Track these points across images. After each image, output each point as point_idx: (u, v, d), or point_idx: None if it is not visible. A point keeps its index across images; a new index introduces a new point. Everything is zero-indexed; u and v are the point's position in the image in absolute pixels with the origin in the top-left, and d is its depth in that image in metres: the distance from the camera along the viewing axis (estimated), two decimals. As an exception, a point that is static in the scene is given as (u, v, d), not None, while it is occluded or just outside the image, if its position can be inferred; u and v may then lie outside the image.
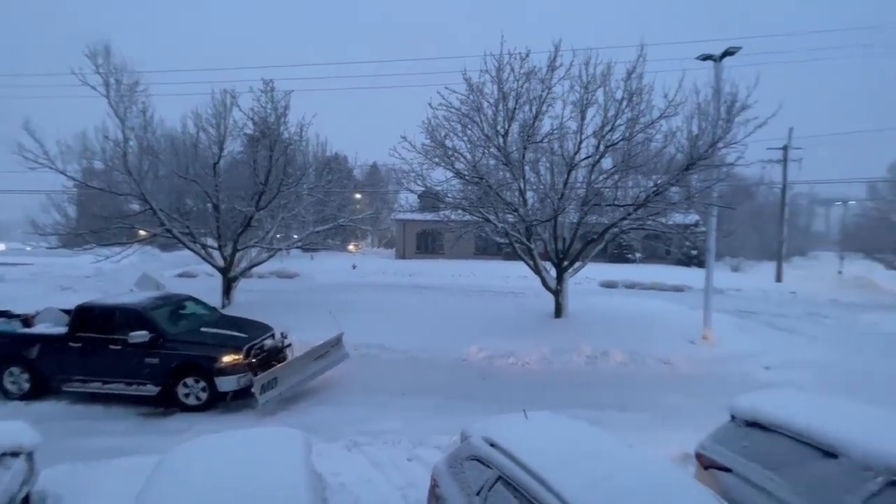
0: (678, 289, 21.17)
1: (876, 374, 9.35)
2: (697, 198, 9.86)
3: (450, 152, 10.28)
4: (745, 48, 10.31)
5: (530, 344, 10.06)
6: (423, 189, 11.19)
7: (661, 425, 6.53)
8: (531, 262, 11.76)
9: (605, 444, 3.13)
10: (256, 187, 12.02)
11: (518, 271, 18.72)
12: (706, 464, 3.98)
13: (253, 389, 6.76)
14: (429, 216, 13.99)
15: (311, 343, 8.33)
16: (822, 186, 40.29)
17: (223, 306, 12.60)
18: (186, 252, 13.27)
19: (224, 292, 13.07)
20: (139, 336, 6.97)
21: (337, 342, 8.48)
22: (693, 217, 13.33)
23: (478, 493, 3.14)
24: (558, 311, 11.89)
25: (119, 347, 7.10)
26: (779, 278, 26.44)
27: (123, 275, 19.41)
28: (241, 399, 7.28)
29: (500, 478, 3.01)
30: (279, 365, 7.41)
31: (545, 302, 12.67)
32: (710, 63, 10.38)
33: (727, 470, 3.81)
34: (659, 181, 9.71)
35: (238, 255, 13.14)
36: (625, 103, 9.35)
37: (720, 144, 9.02)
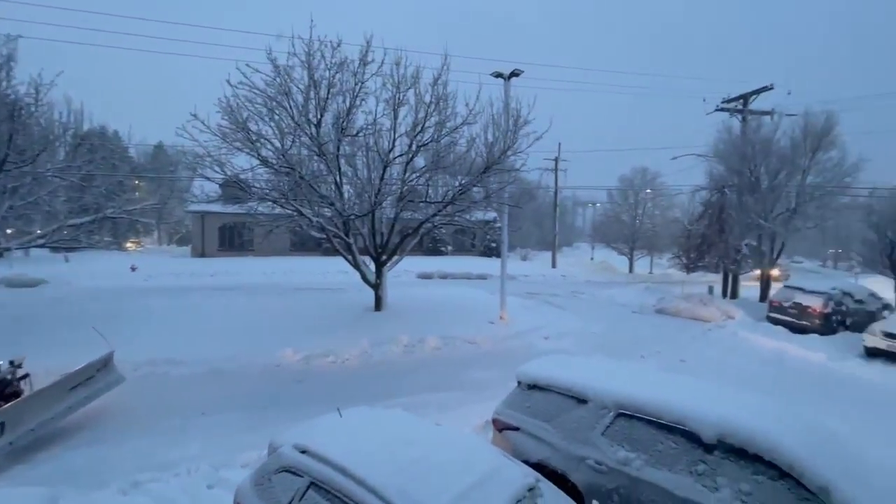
0: (482, 277, 24.00)
1: (613, 335, 12.51)
2: (494, 197, 11.32)
3: (254, 137, 9.28)
4: (527, 72, 12.29)
5: (350, 339, 9.97)
6: (222, 177, 9.79)
7: (469, 400, 7.29)
8: (350, 257, 11.65)
9: (416, 429, 3.30)
10: (-39, 163, 8.62)
11: (338, 266, 18.32)
12: (500, 427, 4.60)
13: (-41, 445, 4.86)
14: (233, 208, 12.36)
15: (63, 370, 6.46)
16: (581, 191, 51.47)
17: None
18: None
19: None
20: None
21: (104, 364, 6.77)
22: (492, 214, 15.27)
23: (287, 507, 2.93)
24: (378, 304, 12.11)
25: None
26: (553, 265, 32.70)
27: None
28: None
29: (311, 484, 2.87)
30: (7, 404, 5.51)
31: (365, 296, 12.73)
32: (501, 81, 12.05)
33: (516, 429, 4.48)
34: (463, 181, 10.78)
35: (-70, 258, 9.24)
36: (433, 107, 10.02)
37: (509, 152, 10.53)
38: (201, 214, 28.17)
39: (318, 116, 9.58)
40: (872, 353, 10.58)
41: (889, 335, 10.38)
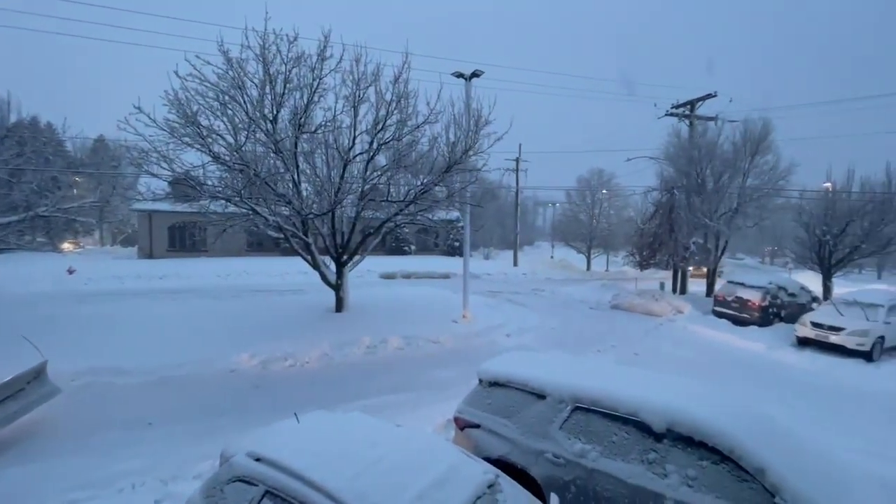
0: (445, 276, 24.09)
1: (571, 330, 12.89)
2: (456, 196, 11.36)
3: (204, 132, 8.83)
4: (487, 73, 12.42)
5: (310, 342, 9.72)
6: (170, 173, 9.24)
7: (432, 399, 7.28)
8: (310, 258, 11.35)
9: (375, 431, 3.25)
10: None
11: (297, 267, 17.85)
12: (461, 425, 4.62)
13: None
14: (183, 206, 11.72)
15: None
16: (541, 192, 52.84)
17: None
18: None
19: None
20: None
21: (36, 375, 6.26)
22: (454, 214, 15.34)
23: (241, 518, 2.81)
24: (339, 306, 11.87)
25: None
26: (515, 263, 33.27)
27: None
28: None
29: (266, 492, 2.77)
30: (-78, 423, 4.98)
31: (326, 297, 12.46)
32: (462, 81, 12.11)
33: (477, 426, 4.52)
34: (425, 180, 10.74)
35: None
36: (394, 105, 9.93)
37: (471, 152, 10.59)
38: (148, 213, 26.62)
39: (275, 112, 9.27)
40: (803, 343, 11.48)
41: (817, 325, 11.29)
